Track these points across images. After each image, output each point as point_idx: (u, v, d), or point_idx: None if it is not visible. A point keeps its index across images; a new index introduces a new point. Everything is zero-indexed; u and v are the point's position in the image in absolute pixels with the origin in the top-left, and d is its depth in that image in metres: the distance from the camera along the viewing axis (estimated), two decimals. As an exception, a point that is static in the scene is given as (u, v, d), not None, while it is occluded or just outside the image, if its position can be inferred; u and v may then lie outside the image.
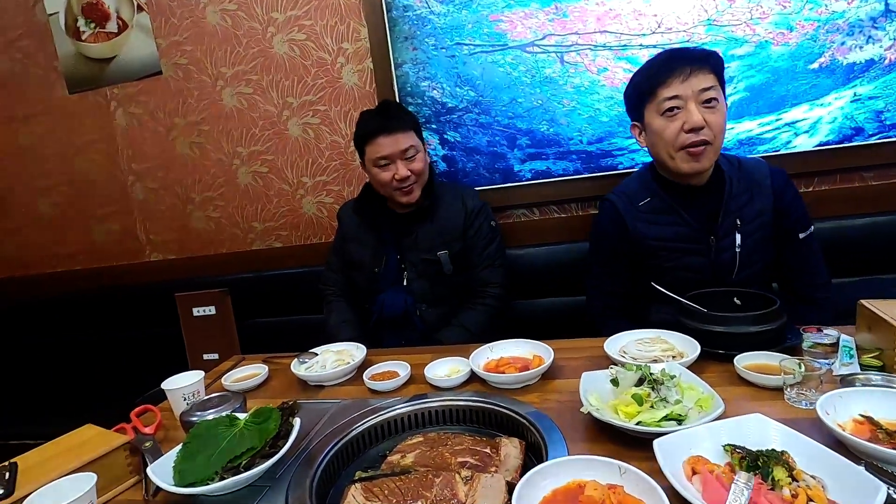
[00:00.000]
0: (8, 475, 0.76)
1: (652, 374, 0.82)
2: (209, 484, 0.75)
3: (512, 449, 0.83)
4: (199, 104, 2.02)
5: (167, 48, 2.00)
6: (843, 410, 0.73)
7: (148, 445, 0.88)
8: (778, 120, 1.57)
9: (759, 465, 0.61)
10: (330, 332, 1.56)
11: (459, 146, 1.80)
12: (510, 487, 0.73)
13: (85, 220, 2.27)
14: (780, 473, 0.59)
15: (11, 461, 0.81)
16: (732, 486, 0.56)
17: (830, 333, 0.88)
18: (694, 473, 0.63)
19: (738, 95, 1.56)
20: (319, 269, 1.77)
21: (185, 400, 1.04)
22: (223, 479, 0.76)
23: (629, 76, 1.60)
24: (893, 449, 0.62)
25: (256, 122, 1.98)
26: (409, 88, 1.79)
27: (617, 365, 0.92)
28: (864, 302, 0.94)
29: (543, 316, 1.76)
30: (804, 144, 1.57)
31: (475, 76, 1.73)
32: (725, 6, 1.53)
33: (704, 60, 1.14)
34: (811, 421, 0.74)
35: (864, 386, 0.79)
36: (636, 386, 0.81)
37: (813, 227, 1.26)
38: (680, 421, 0.74)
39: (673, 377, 0.81)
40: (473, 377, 1.06)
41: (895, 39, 1.46)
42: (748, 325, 0.96)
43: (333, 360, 1.20)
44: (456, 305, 1.55)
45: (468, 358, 1.08)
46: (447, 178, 1.81)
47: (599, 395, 0.84)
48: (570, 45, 1.65)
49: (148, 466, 0.79)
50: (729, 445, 0.66)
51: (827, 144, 1.56)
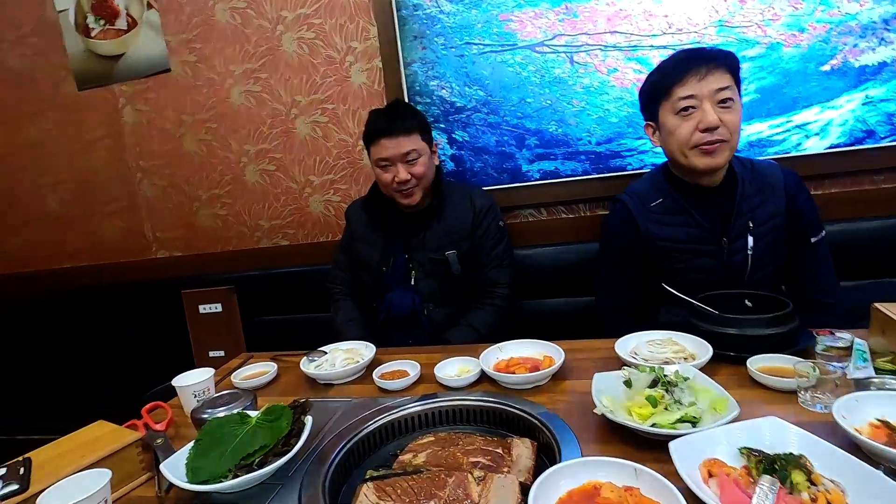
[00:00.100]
0: (22, 471, 0.76)
1: (666, 375, 0.81)
2: (222, 481, 0.75)
3: (524, 449, 0.83)
4: (207, 102, 2.03)
5: (176, 45, 2.01)
6: (858, 414, 0.72)
7: (160, 442, 0.88)
8: (788, 122, 1.57)
9: (776, 468, 0.61)
10: (337, 330, 1.56)
11: (468, 146, 1.80)
12: (523, 488, 0.73)
13: (92, 216, 2.27)
14: (798, 477, 0.59)
15: (25, 456, 0.81)
16: (757, 489, 0.55)
17: (844, 337, 0.87)
18: (710, 476, 0.63)
19: (748, 97, 1.56)
20: (326, 267, 1.77)
21: (195, 397, 1.04)
22: (236, 476, 0.76)
23: (639, 77, 1.62)
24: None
25: (265, 120, 1.98)
26: (417, 88, 1.79)
27: (628, 366, 0.91)
28: (878, 305, 0.93)
29: (550, 316, 1.76)
30: (814, 147, 1.57)
31: (484, 76, 1.73)
32: (737, 7, 1.53)
33: (721, 60, 1.14)
34: (826, 424, 0.74)
35: (879, 390, 0.79)
36: (650, 387, 0.81)
37: (825, 231, 1.25)
38: (694, 423, 0.74)
39: (686, 379, 0.81)
40: (483, 377, 1.06)
41: (908, 42, 1.46)
42: (761, 327, 0.95)
43: (343, 358, 1.20)
44: (463, 305, 1.55)
45: (478, 358, 1.08)
46: (455, 177, 1.81)
47: (612, 396, 0.84)
48: (579, 45, 1.64)
49: (160, 463, 0.79)
50: (745, 448, 0.66)
51: (837, 147, 1.55)
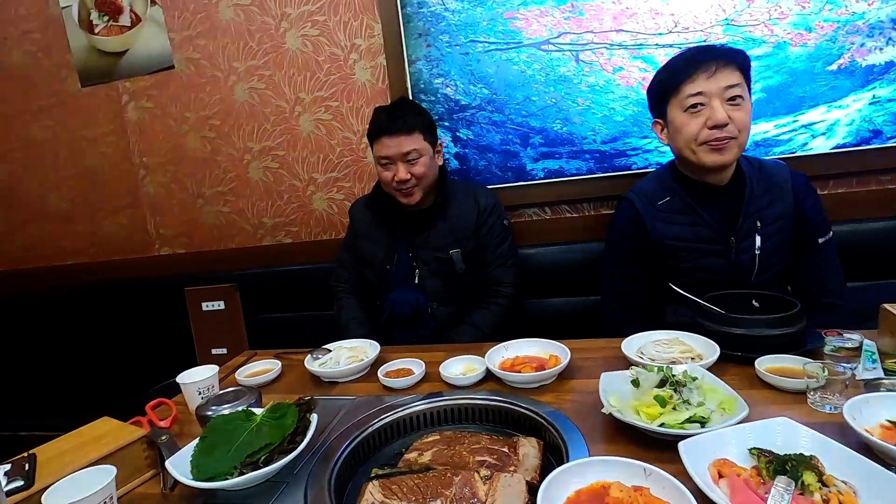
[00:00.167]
0: (27, 466, 0.76)
1: (674, 375, 0.81)
2: (228, 479, 0.75)
3: (530, 449, 0.82)
4: (210, 99, 2.02)
5: (180, 42, 2.00)
6: (869, 416, 0.72)
7: (164, 439, 0.88)
8: (795, 122, 1.56)
9: (787, 469, 0.61)
10: (341, 328, 1.55)
11: (472, 144, 1.79)
12: (530, 487, 0.73)
13: (95, 213, 2.27)
14: (809, 478, 0.58)
15: (30, 452, 0.80)
16: (773, 489, 0.55)
17: (853, 338, 0.87)
18: (720, 477, 0.63)
19: (754, 97, 1.54)
20: (328, 265, 1.77)
21: (200, 394, 1.04)
22: (242, 473, 0.75)
23: (645, 76, 1.61)
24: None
25: (268, 117, 1.98)
26: (422, 85, 1.79)
27: (636, 366, 0.91)
28: (887, 306, 0.93)
29: (554, 316, 1.75)
30: (820, 147, 1.56)
31: (489, 74, 1.72)
32: (744, 6, 1.52)
33: (731, 57, 1.13)
34: (835, 425, 0.74)
35: (889, 391, 0.79)
36: (658, 387, 0.81)
37: (832, 232, 1.25)
38: (703, 423, 0.74)
39: (695, 379, 0.81)
40: (488, 376, 1.05)
41: (916, 42, 1.45)
42: (769, 327, 0.95)
43: (347, 356, 1.19)
44: (467, 304, 1.54)
45: (483, 356, 1.08)
46: (459, 176, 1.80)
47: (619, 396, 0.83)
48: (585, 43, 1.64)
49: (166, 460, 0.79)
50: (755, 449, 0.65)
51: (844, 147, 1.55)
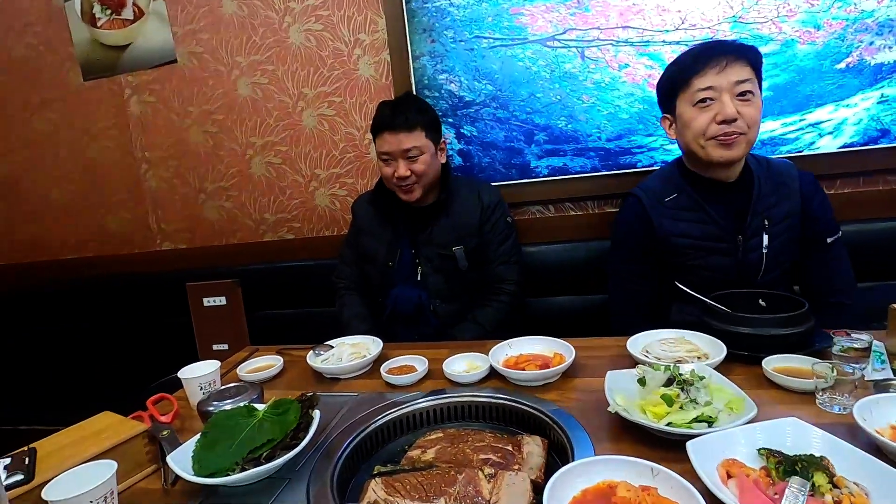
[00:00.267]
0: (27, 461, 0.75)
1: (681, 374, 0.80)
2: (230, 475, 0.74)
3: (535, 447, 0.81)
4: (213, 93, 2.01)
5: (182, 36, 1.99)
6: (879, 417, 0.71)
7: (165, 434, 0.87)
8: (802, 120, 1.55)
9: (797, 470, 0.60)
10: (343, 325, 1.54)
11: (476, 140, 1.78)
12: (534, 486, 0.72)
13: (97, 207, 2.26)
14: (820, 479, 0.57)
15: (30, 446, 0.80)
16: (787, 490, 0.54)
17: (862, 338, 0.86)
18: (729, 477, 0.62)
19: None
20: (331, 261, 1.76)
21: (201, 389, 1.03)
22: (244, 469, 0.75)
23: (651, 73, 1.59)
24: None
25: (271, 112, 1.97)
26: (426, 81, 1.77)
27: (642, 365, 0.90)
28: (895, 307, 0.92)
29: (557, 314, 1.74)
30: (828, 146, 1.55)
31: (494, 70, 1.71)
32: (752, 3, 1.50)
33: (742, 53, 1.12)
34: (844, 426, 0.73)
35: (898, 392, 0.78)
36: (664, 386, 0.80)
37: (841, 231, 1.24)
38: (710, 423, 0.73)
39: (702, 378, 0.80)
40: (492, 373, 1.05)
41: (926, 40, 1.44)
42: (776, 327, 0.94)
43: (349, 353, 1.19)
44: (470, 301, 1.53)
45: (486, 354, 1.07)
46: (463, 172, 1.79)
47: (625, 394, 0.82)
48: (591, 40, 1.62)
49: (167, 455, 0.78)
50: (765, 449, 0.65)
51: (851, 146, 1.53)
